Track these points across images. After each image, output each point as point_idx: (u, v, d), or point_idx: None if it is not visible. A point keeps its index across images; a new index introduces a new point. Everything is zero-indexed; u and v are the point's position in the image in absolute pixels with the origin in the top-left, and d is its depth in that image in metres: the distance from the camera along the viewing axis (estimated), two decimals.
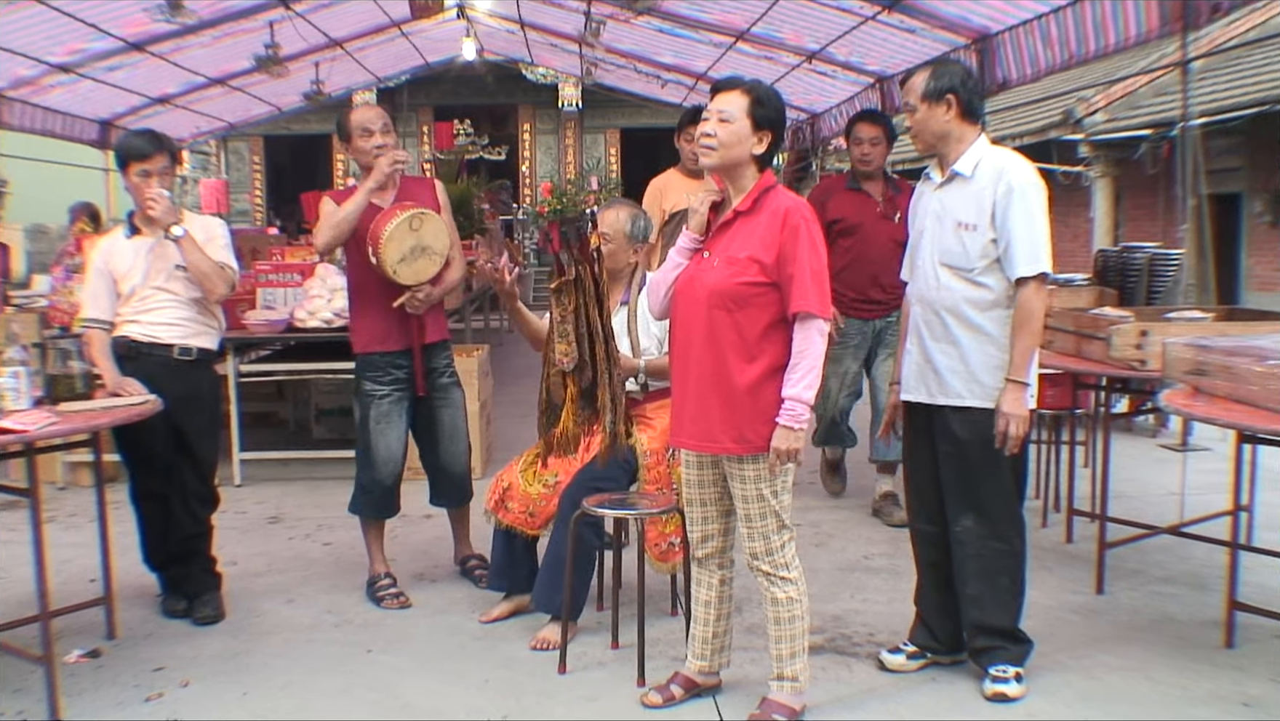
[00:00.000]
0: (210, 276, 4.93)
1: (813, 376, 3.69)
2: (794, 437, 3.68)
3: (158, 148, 4.92)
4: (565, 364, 4.31)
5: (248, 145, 24.39)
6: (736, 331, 3.72)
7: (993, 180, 4.02)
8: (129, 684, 4.42)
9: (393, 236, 4.89)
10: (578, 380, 4.34)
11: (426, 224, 4.99)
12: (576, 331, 4.28)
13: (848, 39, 9.90)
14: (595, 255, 4.28)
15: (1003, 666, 4.17)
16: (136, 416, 4.46)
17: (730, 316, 3.71)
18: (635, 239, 4.87)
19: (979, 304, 4.05)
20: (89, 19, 9.46)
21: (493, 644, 4.74)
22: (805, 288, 3.67)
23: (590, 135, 24.63)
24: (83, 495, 7.33)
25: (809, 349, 3.69)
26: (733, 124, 3.74)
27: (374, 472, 5.27)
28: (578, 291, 4.26)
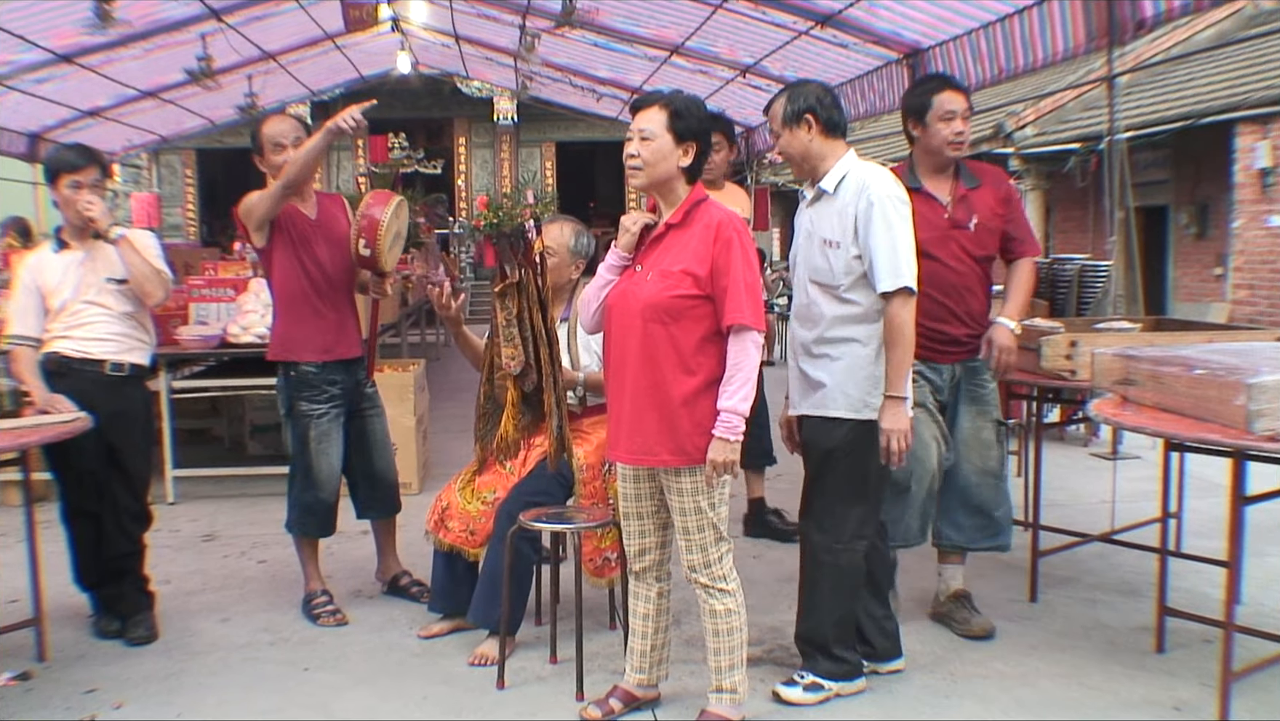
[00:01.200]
0: (149, 278, 4.86)
1: (748, 389, 3.70)
2: (730, 449, 3.69)
3: (88, 160, 4.86)
4: (512, 367, 4.31)
5: (180, 159, 24.14)
6: (671, 344, 3.73)
7: (854, 196, 4.03)
8: (60, 706, 4.35)
9: (388, 227, 4.98)
10: (520, 384, 4.34)
11: (402, 210, 5.14)
12: (522, 335, 4.28)
13: (782, 53, 9.98)
14: (539, 260, 4.28)
15: (804, 672, 4.26)
16: (66, 434, 4.40)
17: (665, 330, 3.72)
18: (578, 254, 4.90)
19: (847, 319, 4.06)
20: (17, 30, 9.32)
21: (431, 660, 4.71)
22: (739, 300, 3.69)
23: (526, 149, 24.64)
24: (12, 514, 7.17)
25: (744, 361, 3.70)
26: (654, 141, 3.76)
27: (317, 492, 5.21)
28: (521, 295, 4.26)
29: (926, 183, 4.74)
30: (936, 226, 4.66)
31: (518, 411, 4.42)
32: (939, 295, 4.63)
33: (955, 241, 4.70)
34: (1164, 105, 14.08)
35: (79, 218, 4.84)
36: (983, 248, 4.77)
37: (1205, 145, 13.78)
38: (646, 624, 4.10)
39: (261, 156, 5.16)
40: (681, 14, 9.88)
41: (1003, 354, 4.67)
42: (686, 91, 3.92)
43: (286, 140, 5.09)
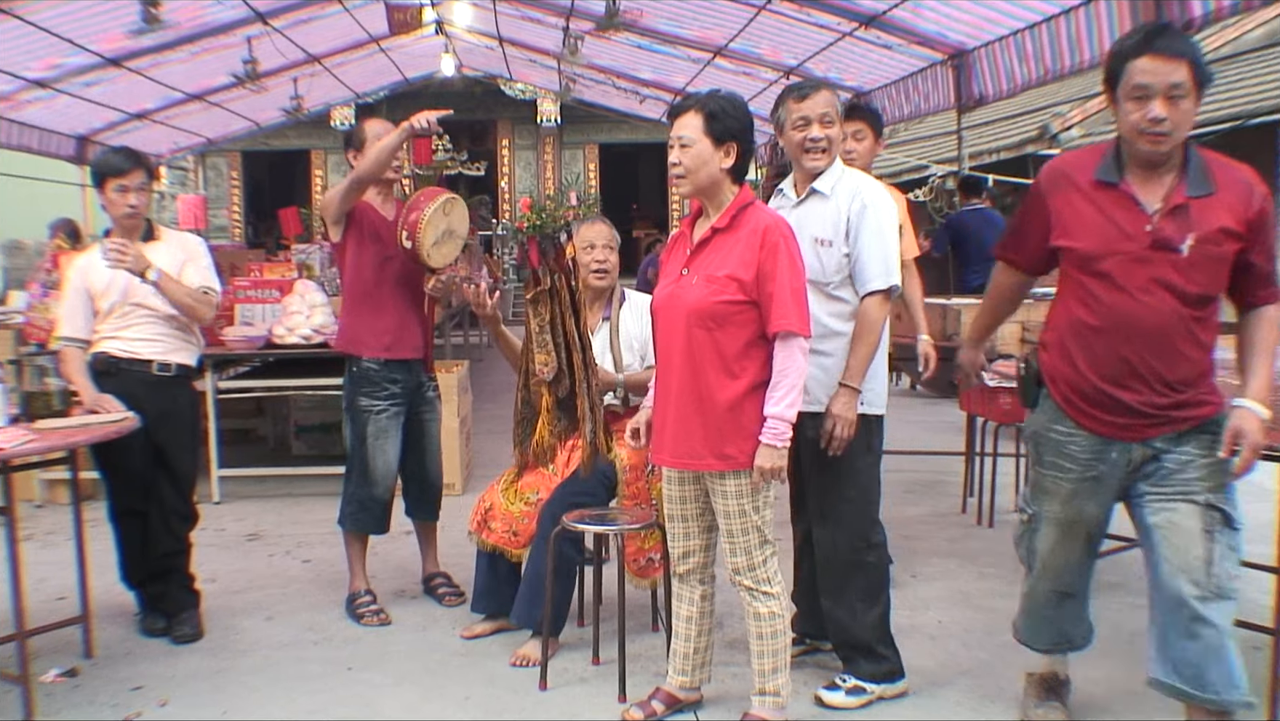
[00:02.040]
0: (194, 307, 4.95)
1: (794, 395, 3.69)
2: (777, 455, 3.68)
3: (134, 164, 4.91)
4: (545, 374, 4.32)
5: (226, 161, 24.36)
6: (716, 349, 3.72)
7: (849, 198, 4.10)
8: (106, 703, 4.39)
9: (431, 220, 4.96)
10: (554, 390, 4.34)
11: (456, 209, 5.09)
12: (554, 341, 4.28)
13: (825, 55, 9.95)
14: (571, 266, 4.28)
15: (845, 676, 4.25)
16: (114, 433, 4.44)
17: (709, 335, 3.71)
18: (617, 251, 4.93)
19: (837, 315, 4.11)
20: (66, 34, 9.42)
21: (474, 660, 4.72)
22: (785, 306, 3.67)
23: (569, 150, 24.68)
24: (60, 513, 7.28)
25: (790, 367, 3.69)
26: (693, 147, 3.74)
27: (373, 489, 5.25)
28: (553, 301, 4.26)
29: (1131, 178, 3.49)
30: (1129, 240, 3.44)
31: (553, 417, 4.43)
32: (1119, 342, 3.49)
33: (1155, 266, 3.43)
34: (1212, 105, 13.90)
35: (126, 220, 4.90)
36: (1197, 282, 3.43)
37: (1254, 146, 13.59)
38: (689, 626, 4.09)
39: (360, 151, 5.26)
40: (725, 15, 9.87)
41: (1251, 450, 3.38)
42: (724, 91, 3.89)
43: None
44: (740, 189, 3.83)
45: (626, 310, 4.92)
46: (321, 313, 7.41)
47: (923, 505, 7.20)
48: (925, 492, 7.53)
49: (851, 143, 5.21)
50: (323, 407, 8.50)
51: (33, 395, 4.54)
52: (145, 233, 5.01)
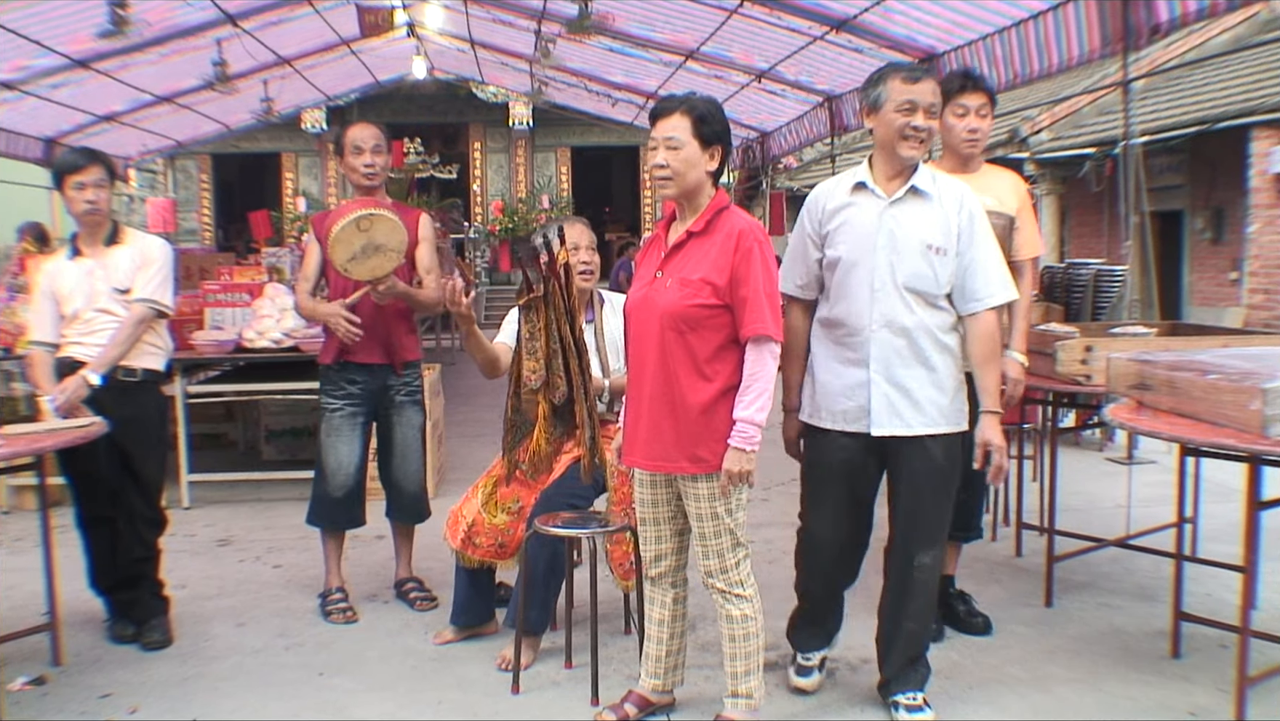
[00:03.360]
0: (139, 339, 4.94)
1: (764, 399, 3.69)
2: (746, 459, 3.69)
3: (90, 160, 4.89)
4: (533, 381, 4.29)
5: (196, 163, 24.22)
6: (689, 352, 3.71)
7: (955, 204, 3.94)
8: (75, 712, 4.36)
9: (339, 238, 4.88)
10: (549, 397, 4.32)
11: (376, 224, 4.93)
12: (547, 348, 4.25)
13: (797, 58, 10.00)
14: (565, 270, 4.25)
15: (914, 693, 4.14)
16: (81, 439, 4.41)
17: (683, 338, 3.71)
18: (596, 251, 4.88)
19: (943, 328, 3.97)
20: (33, 35, 9.36)
21: (447, 665, 4.71)
22: (759, 310, 3.67)
23: (541, 154, 24.66)
24: (27, 519, 7.22)
25: (760, 371, 3.69)
26: (682, 149, 3.71)
27: (326, 485, 5.31)
28: (547, 307, 4.23)
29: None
30: None
31: (549, 425, 4.39)
32: None
33: None
34: (1179, 110, 14.04)
35: (87, 217, 4.88)
36: None
37: (1220, 150, 13.74)
38: (662, 630, 4.09)
39: (341, 158, 5.30)
40: (696, 19, 9.90)
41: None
42: (702, 94, 3.88)
43: (366, 145, 5.22)
44: (717, 192, 3.82)
45: (608, 311, 4.91)
46: (292, 316, 7.38)
47: None
48: None
49: (975, 120, 4.65)
50: (293, 412, 8.47)
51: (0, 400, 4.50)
52: (110, 235, 4.98)
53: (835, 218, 4.01)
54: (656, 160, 3.76)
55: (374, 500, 5.52)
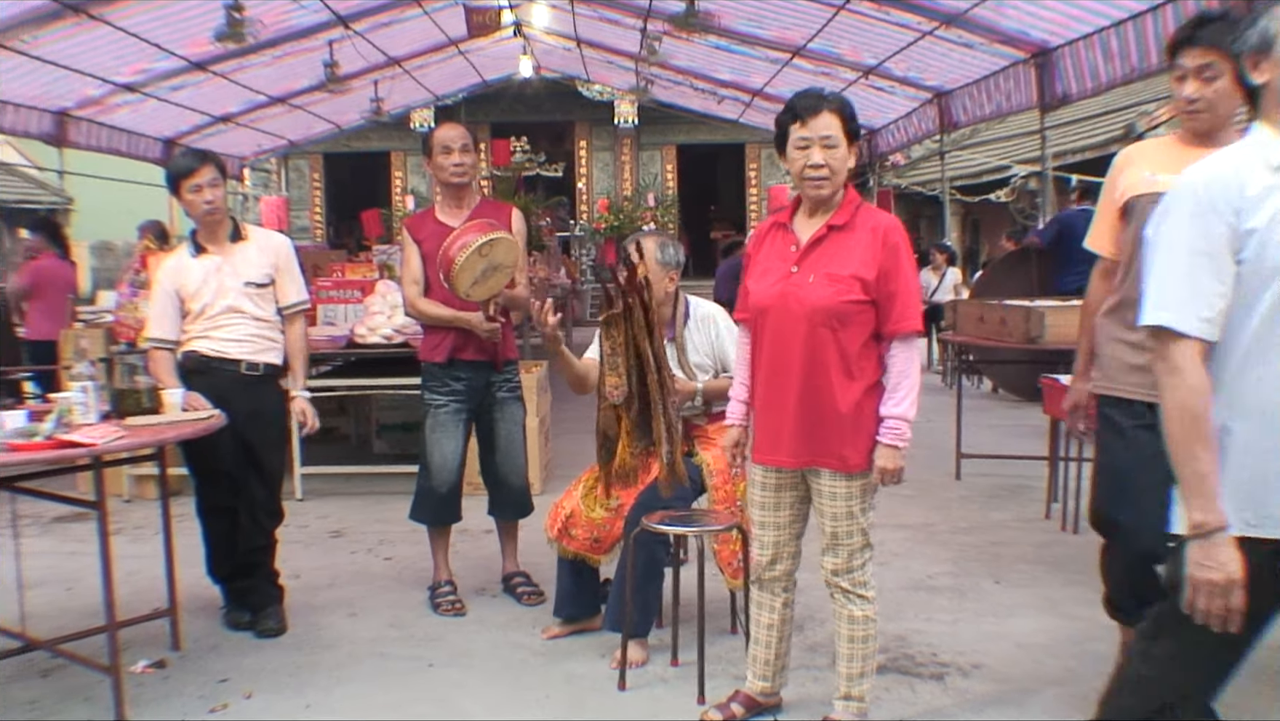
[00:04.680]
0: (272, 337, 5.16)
1: (915, 395, 3.67)
2: (899, 456, 3.65)
3: (201, 161, 4.99)
4: (615, 396, 4.28)
5: (308, 163, 24.67)
6: (838, 349, 3.64)
7: None
8: (194, 695, 4.47)
9: (465, 267, 4.92)
10: (628, 412, 4.31)
11: (496, 247, 4.97)
12: (626, 364, 4.25)
13: (906, 54, 9.90)
14: (643, 285, 4.23)
15: None
16: (202, 431, 4.51)
17: (833, 335, 3.63)
18: (667, 265, 4.75)
19: None
20: (154, 39, 9.62)
21: (554, 660, 4.74)
22: (908, 306, 3.64)
23: (646, 152, 24.69)
24: (148, 508, 7.42)
25: (910, 368, 3.66)
26: (839, 148, 3.65)
27: (429, 480, 5.38)
28: (627, 323, 4.23)
29: None
30: None
31: (632, 439, 4.38)
32: None
33: None
34: None
35: (207, 217, 4.99)
36: None
37: None
38: (770, 633, 4.05)
39: (429, 159, 5.36)
40: (804, 15, 9.85)
41: None
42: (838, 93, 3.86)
43: (454, 145, 5.26)
44: (848, 187, 3.78)
45: (692, 324, 4.86)
46: (402, 313, 7.47)
47: (1006, 510, 7.11)
48: (1009, 498, 7.44)
49: (1195, 85, 3.62)
50: (404, 407, 8.58)
51: (123, 393, 4.61)
52: (232, 232, 5.09)
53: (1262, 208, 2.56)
54: (813, 160, 3.63)
55: (478, 496, 5.59)
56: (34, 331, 9.72)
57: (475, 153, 5.41)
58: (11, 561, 5.15)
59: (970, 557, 6.06)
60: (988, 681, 4.41)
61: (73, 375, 4.45)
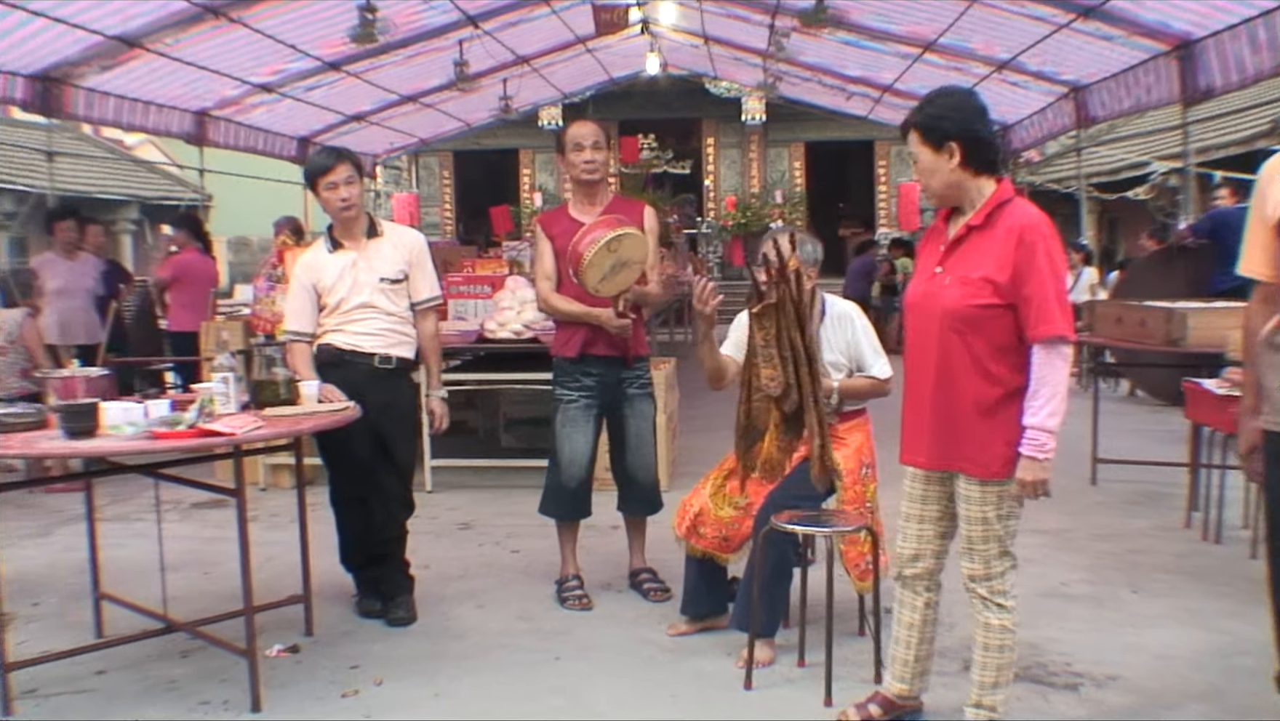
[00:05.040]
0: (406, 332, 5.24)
1: (1056, 403, 3.51)
2: (1040, 468, 3.52)
3: (338, 159, 5.07)
4: (772, 388, 4.21)
5: (438, 160, 25.04)
6: (969, 353, 3.57)
7: None
8: (326, 679, 4.56)
9: (593, 262, 4.94)
10: (782, 405, 4.26)
11: (625, 243, 4.98)
12: (780, 355, 4.21)
13: (1041, 48, 9.70)
14: (795, 277, 4.18)
15: None
16: (338, 422, 4.59)
17: (963, 338, 3.57)
18: (806, 262, 4.64)
19: None
20: (289, 41, 9.83)
21: (680, 657, 4.73)
22: (1047, 309, 3.48)
23: (774, 149, 24.57)
24: (282, 496, 7.59)
25: (1050, 375, 3.50)
26: (920, 161, 3.66)
27: (559, 474, 5.40)
28: (780, 315, 4.18)
29: None
30: None
31: (780, 432, 4.34)
32: None
33: None
34: None
35: (344, 214, 5.07)
36: None
37: None
38: (910, 633, 3.97)
39: (563, 156, 5.40)
40: (936, 9, 9.70)
41: None
42: (941, 89, 3.77)
43: (586, 142, 5.29)
44: (999, 184, 3.66)
45: (828, 322, 4.80)
46: (532, 308, 7.53)
47: (1145, 518, 6.90)
48: (1148, 505, 7.22)
49: None
50: (532, 402, 8.64)
51: (261, 384, 4.71)
52: (368, 228, 5.17)
53: None
54: (915, 173, 3.75)
55: (607, 491, 5.60)
56: (175, 324, 10.02)
57: (608, 150, 5.42)
58: (154, 545, 5.30)
59: (1107, 565, 5.91)
60: (1125, 693, 4.28)
61: (214, 366, 4.56)
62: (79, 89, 9.06)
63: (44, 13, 7.56)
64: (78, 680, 4.58)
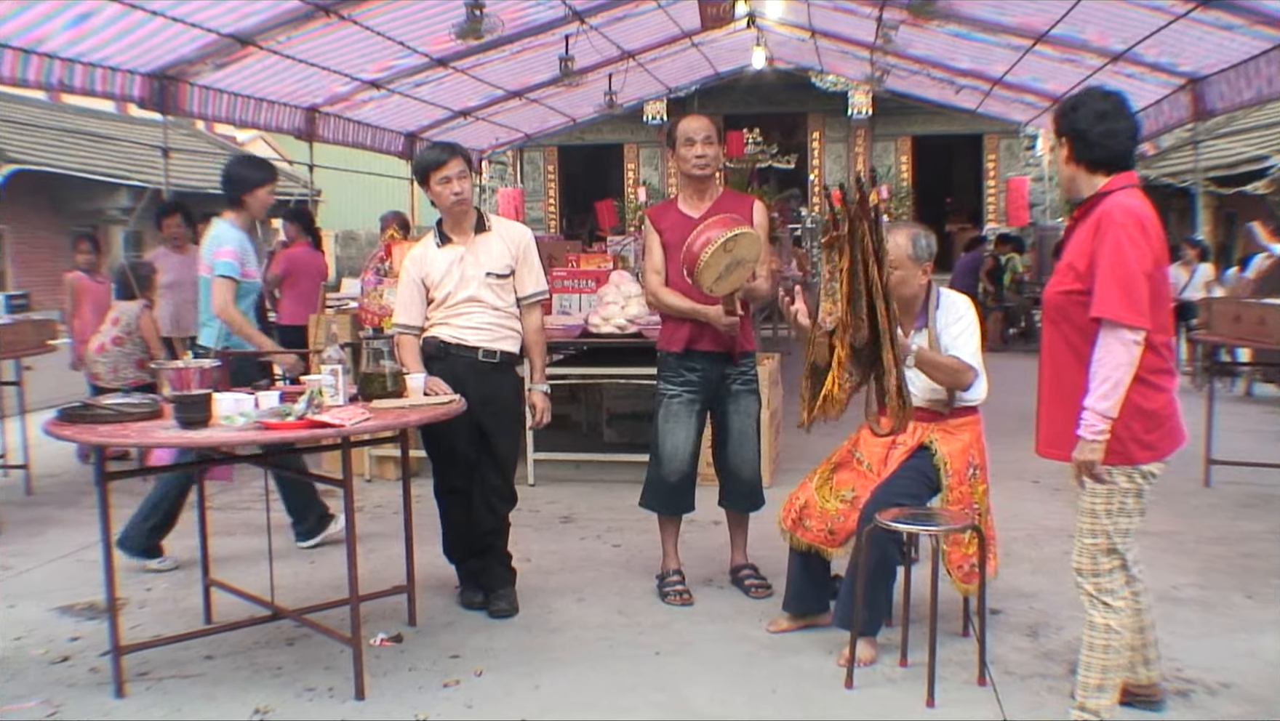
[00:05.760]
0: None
1: (1108, 386, 3.48)
2: (1088, 449, 3.51)
3: (451, 154, 5.12)
4: (827, 322, 4.18)
5: (542, 154, 25.14)
6: (1065, 340, 3.65)
7: None
8: (427, 669, 4.61)
9: (709, 263, 4.90)
10: (847, 340, 4.18)
11: (740, 242, 4.93)
12: (850, 289, 4.12)
13: (1157, 38, 9.45)
14: (874, 213, 4.13)
15: None
16: (444, 415, 4.63)
17: (1058, 327, 3.66)
18: (919, 259, 4.64)
19: None
20: (398, 38, 9.95)
21: (780, 654, 4.71)
22: (1106, 291, 3.48)
23: (881, 143, 24.25)
24: (387, 487, 7.69)
25: (1106, 357, 3.49)
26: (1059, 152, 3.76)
27: (660, 468, 5.40)
28: (853, 247, 4.09)
29: None
30: None
31: (843, 370, 4.26)
32: None
33: None
34: None
35: (455, 208, 5.11)
36: None
37: None
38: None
39: (673, 150, 5.38)
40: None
41: None
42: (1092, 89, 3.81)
43: (697, 136, 5.28)
44: (1111, 177, 3.66)
45: (941, 315, 4.73)
46: (636, 303, 7.54)
47: (1259, 521, 6.70)
48: (1262, 508, 7.02)
49: None
50: (635, 396, 8.65)
51: (369, 376, 4.77)
52: (477, 223, 5.21)
53: None
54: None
55: (709, 486, 5.58)
56: (285, 316, 10.18)
57: (719, 145, 5.39)
58: (262, 534, 5.40)
59: (1219, 569, 5.75)
60: (1238, 701, 4.17)
61: (323, 359, 4.63)
62: (194, 86, 9.26)
63: (162, 12, 7.73)
64: (186, 664, 4.70)
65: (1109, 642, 3.67)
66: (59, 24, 7.35)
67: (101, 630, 4.88)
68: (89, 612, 5.37)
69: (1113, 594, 3.66)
